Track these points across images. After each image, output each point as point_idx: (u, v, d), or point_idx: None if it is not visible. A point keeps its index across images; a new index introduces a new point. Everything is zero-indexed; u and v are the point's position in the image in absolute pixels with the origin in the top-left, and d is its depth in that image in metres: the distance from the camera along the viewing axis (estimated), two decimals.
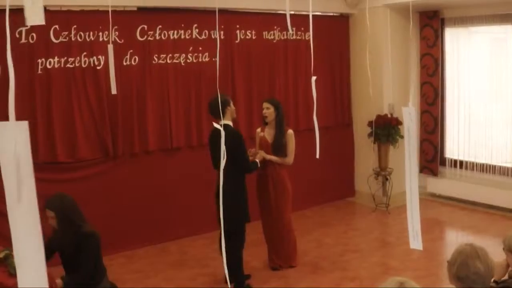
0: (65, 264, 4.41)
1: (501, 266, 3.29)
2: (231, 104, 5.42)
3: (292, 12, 2.83)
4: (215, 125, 5.50)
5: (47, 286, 1.57)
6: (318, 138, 2.82)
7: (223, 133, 1.90)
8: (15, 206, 1.46)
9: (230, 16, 7.19)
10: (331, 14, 8.44)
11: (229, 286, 3.17)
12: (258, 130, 6.12)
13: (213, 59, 7.07)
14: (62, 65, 6.14)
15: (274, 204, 5.97)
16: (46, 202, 4.17)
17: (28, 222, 1.50)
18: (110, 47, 4.55)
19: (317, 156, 2.87)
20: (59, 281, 4.16)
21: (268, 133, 5.98)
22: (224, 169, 5.92)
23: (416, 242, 1.91)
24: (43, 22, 2.73)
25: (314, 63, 7.81)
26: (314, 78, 2.75)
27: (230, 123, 5.39)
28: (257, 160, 5.67)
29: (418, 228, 1.89)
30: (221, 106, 5.23)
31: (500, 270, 3.29)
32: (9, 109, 1.44)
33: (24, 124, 1.46)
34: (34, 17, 2.53)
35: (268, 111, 5.89)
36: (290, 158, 5.96)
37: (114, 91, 4.64)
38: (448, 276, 2.78)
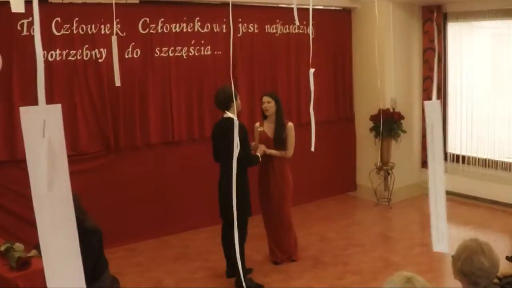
0: None
1: None
2: (238, 98, 5.42)
3: (296, 6, 2.80)
4: (229, 114, 5.51)
5: (85, 286, 1.44)
6: (314, 131, 2.79)
7: (236, 123, 1.86)
8: (44, 196, 1.34)
9: (233, 10, 7.12)
10: (334, 8, 8.40)
11: (242, 278, 3.15)
12: (257, 124, 6.11)
13: (215, 52, 7.06)
14: (64, 58, 6.12)
15: (275, 198, 5.97)
16: None
17: (61, 212, 1.37)
18: (114, 38, 4.52)
19: (312, 149, 2.85)
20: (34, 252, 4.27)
21: (268, 127, 5.98)
22: (225, 163, 5.90)
23: (441, 244, 1.88)
24: (22, 10, 2.71)
25: (316, 57, 7.85)
26: (312, 70, 2.73)
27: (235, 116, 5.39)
28: (259, 154, 5.67)
29: (445, 229, 1.85)
30: (228, 99, 5.25)
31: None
32: (38, 93, 1.38)
33: (57, 107, 1.40)
34: (16, 5, 2.54)
35: (269, 104, 5.88)
36: (290, 151, 5.96)
37: (118, 83, 4.61)
38: (452, 271, 2.77)
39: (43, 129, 1.34)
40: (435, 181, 1.87)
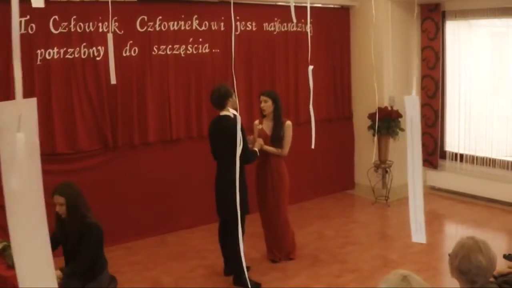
0: (67, 254, 4.41)
1: None
2: (233, 95, 5.41)
3: (293, 4, 2.80)
4: (225, 112, 5.52)
5: (56, 287, 1.41)
6: (314, 128, 2.79)
7: (239, 119, 1.85)
8: (16, 193, 1.31)
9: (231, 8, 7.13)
10: (332, 6, 8.40)
11: (246, 274, 3.14)
12: (256, 122, 6.12)
13: (213, 50, 7.05)
14: (61, 56, 6.10)
15: (271, 196, 5.97)
16: (55, 189, 4.22)
17: (33, 210, 1.34)
18: (110, 36, 4.51)
19: (312, 147, 2.85)
20: (58, 272, 4.14)
21: (266, 125, 5.98)
22: (222, 160, 5.88)
23: (419, 235, 1.89)
24: (42, 5, 2.74)
25: (315, 56, 7.85)
26: (311, 67, 2.72)
27: (231, 114, 5.38)
28: (256, 149, 5.67)
29: (422, 221, 1.86)
30: (223, 97, 5.25)
31: None
32: (16, 87, 1.36)
33: (33, 101, 1.37)
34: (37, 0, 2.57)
35: (266, 104, 5.88)
36: (285, 150, 5.97)
37: (113, 80, 4.61)
38: (449, 269, 2.78)
39: (18, 124, 1.31)
40: (413, 174, 1.89)
